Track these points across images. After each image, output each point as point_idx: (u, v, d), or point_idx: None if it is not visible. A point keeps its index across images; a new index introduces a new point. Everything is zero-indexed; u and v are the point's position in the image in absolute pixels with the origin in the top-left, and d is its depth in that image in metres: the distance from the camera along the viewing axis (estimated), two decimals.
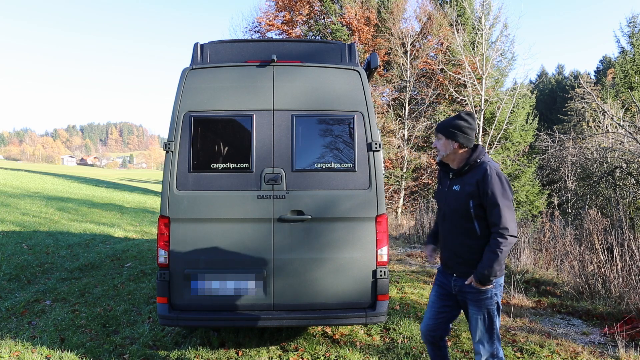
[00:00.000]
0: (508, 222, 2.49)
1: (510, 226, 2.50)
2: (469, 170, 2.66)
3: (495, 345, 2.67)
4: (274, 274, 3.63)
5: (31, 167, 52.93)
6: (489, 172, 2.55)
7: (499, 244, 2.49)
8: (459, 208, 2.65)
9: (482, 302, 2.64)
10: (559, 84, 48.35)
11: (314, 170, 3.72)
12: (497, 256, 2.49)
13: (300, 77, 3.81)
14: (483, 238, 2.60)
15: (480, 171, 2.60)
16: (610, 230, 6.65)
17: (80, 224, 11.16)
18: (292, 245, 3.65)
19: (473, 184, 2.59)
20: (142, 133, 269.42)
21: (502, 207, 2.50)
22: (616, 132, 13.91)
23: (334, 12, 19.56)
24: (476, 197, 2.58)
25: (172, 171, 3.63)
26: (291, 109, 3.74)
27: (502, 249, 2.49)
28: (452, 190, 2.71)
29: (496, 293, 2.65)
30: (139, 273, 6.71)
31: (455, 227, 2.70)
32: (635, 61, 23.20)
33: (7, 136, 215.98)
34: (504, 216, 2.49)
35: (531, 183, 19.44)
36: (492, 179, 2.53)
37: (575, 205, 14.79)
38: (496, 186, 2.52)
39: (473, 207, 2.59)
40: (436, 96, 19.89)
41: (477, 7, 19.05)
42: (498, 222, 2.50)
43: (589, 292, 5.91)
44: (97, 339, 4.16)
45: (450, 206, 2.72)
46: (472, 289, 2.63)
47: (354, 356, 3.88)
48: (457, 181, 2.71)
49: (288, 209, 3.64)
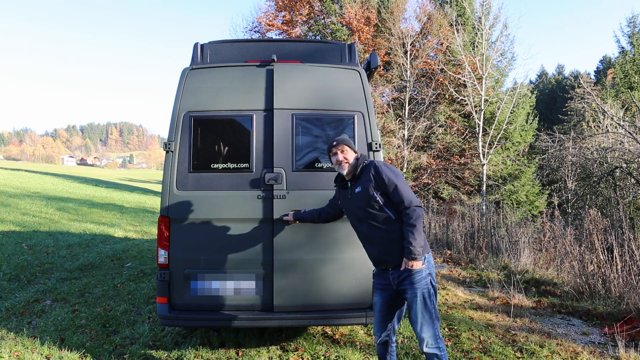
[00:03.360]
0: (409, 196, 2.82)
1: (413, 199, 2.82)
2: (362, 172, 3.00)
3: (435, 326, 2.82)
4: (274, 274, 3.63)
5: (31, 167, 52.91)
6: (377, 165, 2.93)
7: (410, 216, 2.77)
8: (368, 204, 2.90)
9: (417, 284, 2.80)
10: (559, 84, 48.33)
11: (314, 170, 3.72)
12: (414, 227, 2.75)
13: (300, 77, 3.81)
14: (399, 221, 2.85)
15: (370, 167, 2.96)
16: (610, 230, 6.65)
17: (80, 224, 11.16)
18: (292, 246, 3.65)
19: (369, 179, 2.91)
20: (142, 133, 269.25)
21: (398, 185, 2.83)
22: (616, 132, 13.91)
23: (334, 12, 19.55)
24: (377, 187, 2.89)
25: (172, 171, 3.63)
26: (291, 108, 3.74)
27: (415, 219, 2.76)
28: (356, 193, 2.98)
29: (430, 273, 2.86)
30: (139, 273, 6.71)
31: (371, 223, 2.92)
32: (635, 61, 23.18)
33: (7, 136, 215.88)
34: (404, 191, 2.82)
35: (531, 183, 19.42)
36: (382, 168, 2.90)
37: (575, 205, 14.79)
38: (387, 171, 2.89)
39: (379, 197, 2.87)
40: (436, 96, 19.88)
41: (477, 7, 19.04)
42: (402, 199, 2.81)
43: (589, 292, 5.91)
44: (97, 339, 4.16)
45: (361, 206, 2.95)
46: (408, 272, 2.80)
47: (354, 356, 3.88)
48: (356, 185, 3.01)
49: (288, 209, 3.63)
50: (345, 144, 3.05)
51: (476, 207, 13.16)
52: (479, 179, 18.25)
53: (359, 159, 3.08)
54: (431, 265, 2.90)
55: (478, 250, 9.05)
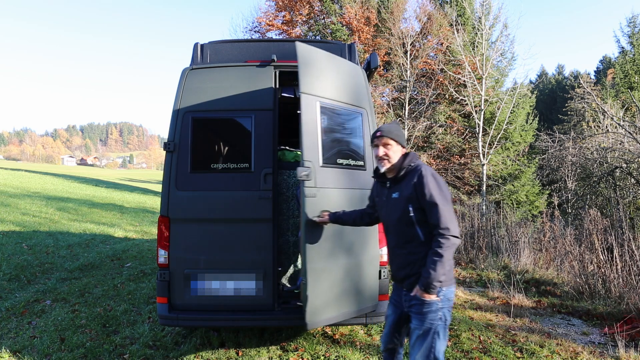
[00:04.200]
0: (448, 221, 2.40)
1: (451, 226, 2.39)
2: (405, 176, 2.59)
3: None
4: (274, 274, 3.63)
5: (31, 167, 52.90)
6: (423, 174, 2.48)
7: (441, 244, 2.37)
8: (400, 216, 2.55)
9: (425, 316, 2.46)
10: (559, 84, 48.34)
11: (340, 167, 3.65)
12: (439, 257, 2.37)
13: (325, 65, 3.60)
14: (427, 244, 2.48)
15: (415, 174, 2.53)
16: (610, 230, 6.66)
17: (80, 224, 11.16)
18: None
19: (410, 187, 2.51)
20: (142, 133, 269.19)
21: (440, 206, 2.41)
22: (616, 132, 13.91)
23: (334, 12, 19.56)
24: (414, 200, 2.49)
25: (172, 171, 3.63)
26: (318, 95, 3.41)
27: (444, 249, 2.37)
28: (392, 199, 2.62)
29: (442, 308, 2.46)
30: (139, 273, 6.71)
31: (399, 236, 2.60)
32: (635, 61, 23.19)
33: (7, 136, 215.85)
34: (444, 215, 2.40)
35: (531, 183, 19.43)
36: (427, 180, 2.46)
37: (575, 205, 14.79)
38: (432, 186, 2.45)
39: (413, 212, 2.49)
40: (436, 96, 19.87)
41: (477, 7, 19.04)
42: (438, 223, 2.40)
43: (589, 292, 5.91)
44: (97, 339, 4.16)
45: (392, 216, 2.62)
46: (418, 301, 2.47)
47: (354, 356, 3.88)
48: (395, 189, 2.63)
49: (317, 207, 3.55)
50: (391, 138, 2.62)
51: (476, 207, 13.15)
52: (479, 179, 18.24)
53: (406, 157, 2.64)
54: (448, 301, 2.50)
55: (478, 250, 9.05)
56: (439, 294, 2.43)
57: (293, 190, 4.09)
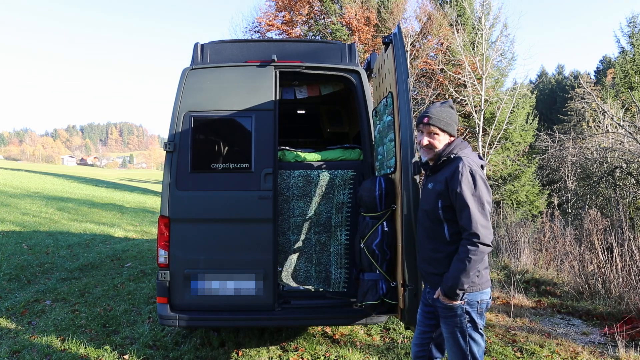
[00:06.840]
0: (479, 227, 2.16)
1: (482, 232, 2.16)
2: (442, 166, 2.37)
3: None
4: (274, 274, 3.63)
5: (31, 167, 52.87)
6: (460, 169, 2.22)
7: (468, 252, 2.16)
8: (429, 210, 2.36)
9: (450, 320, 2.33)
10: (559, 84, 48.32)
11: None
12: (464, 266, 2.17)
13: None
14: (453, 244, 2.30)
15: (452, 167, 2.28)
16: (610, 230, 6.66)
17: (80, 224, 11.16)
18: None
19: (443, 181, 2.29)
20: (142, 133, 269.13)
21: (472, 209, 2.17)
22: (616, 132, 13.91)
23: (334, 12, 19.56)
24: (445, 196, 2.27)
25: (172, 171, 3.62)
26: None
27: (470, 258, 2.16)
28: (427, 189, 2.42)
29: (469, 311, 2.30)
30: (139, 273, 6.71)
31: (426, 229, 2.42)
32: (635, 61, 23.20)
33: (7, 136, 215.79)
34: (475, 220, 2.16)
35: (531, 183, 19.45)
36: (462, 177, 2.20)
37: (575, 205, 14.79)
38: (465, 184, 2.19)
39: (441, 208, 2.29)
40: (436, 96, 19.88)
41: (477, 7, 19.05)
42: (468, 227, 2.18)
43: (589, 292, 5.91)
44: (97, 339, 4.16)
45: (423, 206, 2.44)
46: (441, 304, 2.33)
47: (354, 356, 3.88)
48: (431, 178, 2.43)
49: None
50: (438, 127, 2.36)
51: None
52: None
53: (450, 144, 2.38)
54: (476, 303, 2.31)
55: None
56: (463, 297, 2.28)
57: (293, 190, 4.09)
